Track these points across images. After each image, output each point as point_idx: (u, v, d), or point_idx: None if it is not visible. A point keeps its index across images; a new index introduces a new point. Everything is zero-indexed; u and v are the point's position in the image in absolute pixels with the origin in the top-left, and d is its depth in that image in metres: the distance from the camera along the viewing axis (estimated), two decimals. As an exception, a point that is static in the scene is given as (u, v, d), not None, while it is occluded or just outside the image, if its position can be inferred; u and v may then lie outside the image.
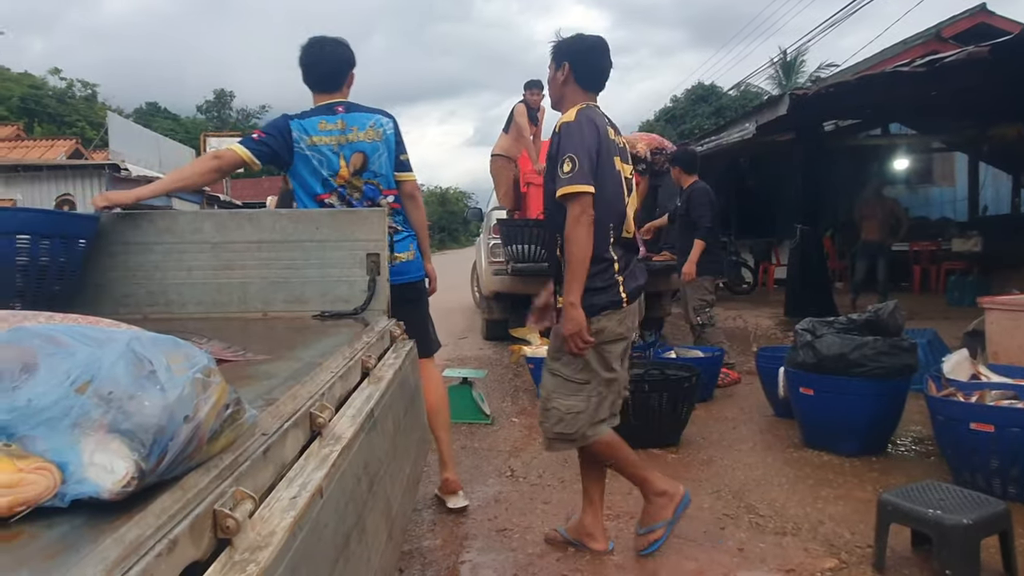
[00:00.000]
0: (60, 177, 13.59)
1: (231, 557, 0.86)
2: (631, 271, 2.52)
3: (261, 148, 2.70)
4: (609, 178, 2.43)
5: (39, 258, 2.12)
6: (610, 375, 2.49)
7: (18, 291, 2.10)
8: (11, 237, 2.05)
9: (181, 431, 0.84)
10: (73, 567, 0.66)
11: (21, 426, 0.81)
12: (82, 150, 16.72)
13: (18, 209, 2.10)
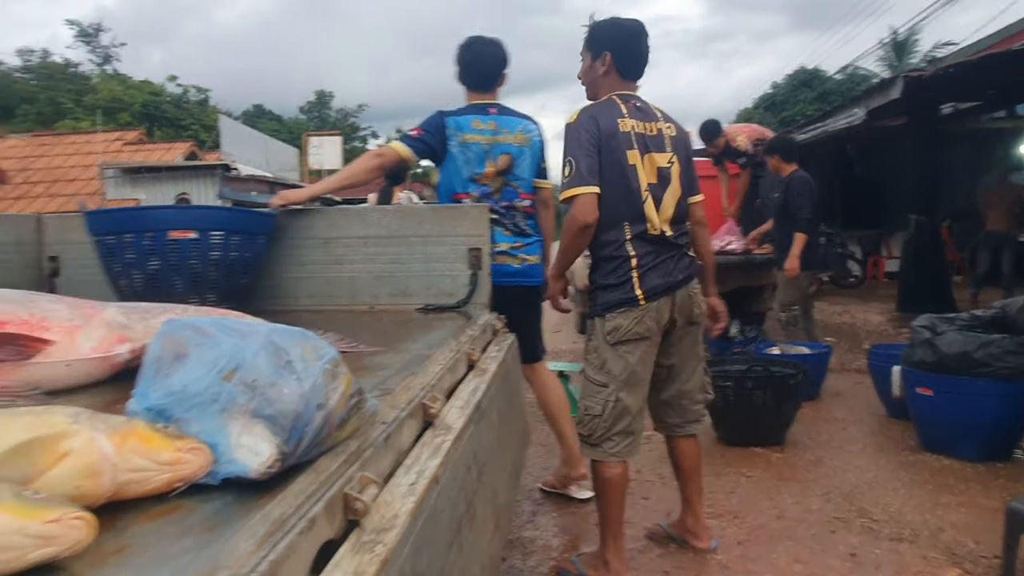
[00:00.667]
0: (178, 177, 14.53)
1: (360, 538, 0.91)
2: (657, 268, 2.34)
3: (419, 145, 2.80)
4: (619, 173, 2.31)
5: (229, 253, 2.25)
6: (630, 378, 2.35)
7: (211, 284, 2.24)
8: (207, 233, 2.19)
9: (315, 418, 0.90)
10: (230, 539, 0.71)
11: (176, 409, 0.88)
12: (197, 152, 17.78)
13: (212, 207, 2.35)
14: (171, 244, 2.14)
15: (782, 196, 5.20)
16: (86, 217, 2.32)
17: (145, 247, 2.15)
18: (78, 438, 0.76)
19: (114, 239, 2.18)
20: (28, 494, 0.66)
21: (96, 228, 2.26)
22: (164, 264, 2.16)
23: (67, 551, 0.65)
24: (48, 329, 1.34)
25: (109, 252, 2.22)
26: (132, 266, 2.17)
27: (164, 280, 2.17)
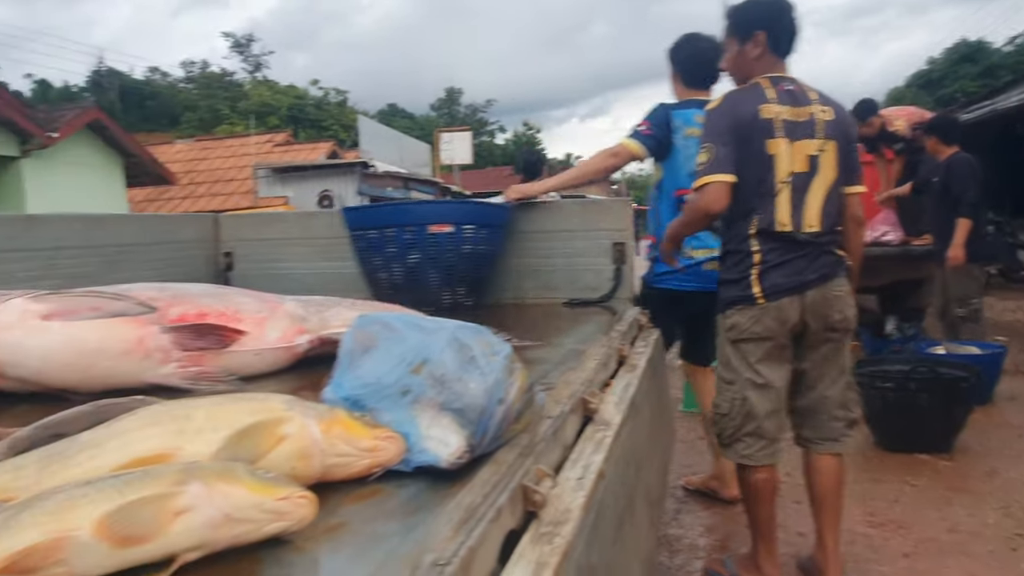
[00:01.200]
0: (321, 176, 15.43)
1: (538, 529, 0.93)
2: (783, 266, 2.16)
3: (650, 142, 2.75)
4: (754, 164, 2.15)
5: (478, 246, 2.35)
6: (755, 378, 2.20)
7: (461, 277, 2.34)
8: (460, 227, 2.28)
9: (497, 411, 0.93)
10: (431, 524, 0.76)
11: (369, 400, 0.94)
12: (338, 150, 18.83)
13: (465, 201, 2.44)
14: (430, 238, 2.23)
15: (941, 180, 4.74)
16: (346, 213, 2.45)
17: (406, 241, 2.25)
18: (293, 424, 0.84)
19: (377, 234, 2.28)
20: (260, 473, 0.73)
21: (358, 223, 2.37)
22: (423, 258, 2.25)
23: (295, 526, 0.71)
24: (241, 320, 1.47)
25: (371, 246, 2.32)
26: (393, 260, 2.27)
27: (422, 274, 2.27)
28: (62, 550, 0.62)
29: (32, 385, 1.34)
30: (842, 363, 2.27)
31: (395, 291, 2.27)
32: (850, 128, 2.29)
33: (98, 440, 0.81)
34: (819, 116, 2.20)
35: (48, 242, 2.28)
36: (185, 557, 0.66)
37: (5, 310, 1.34)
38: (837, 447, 2.29)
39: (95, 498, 0.66)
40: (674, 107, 2.74)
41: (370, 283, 2.38)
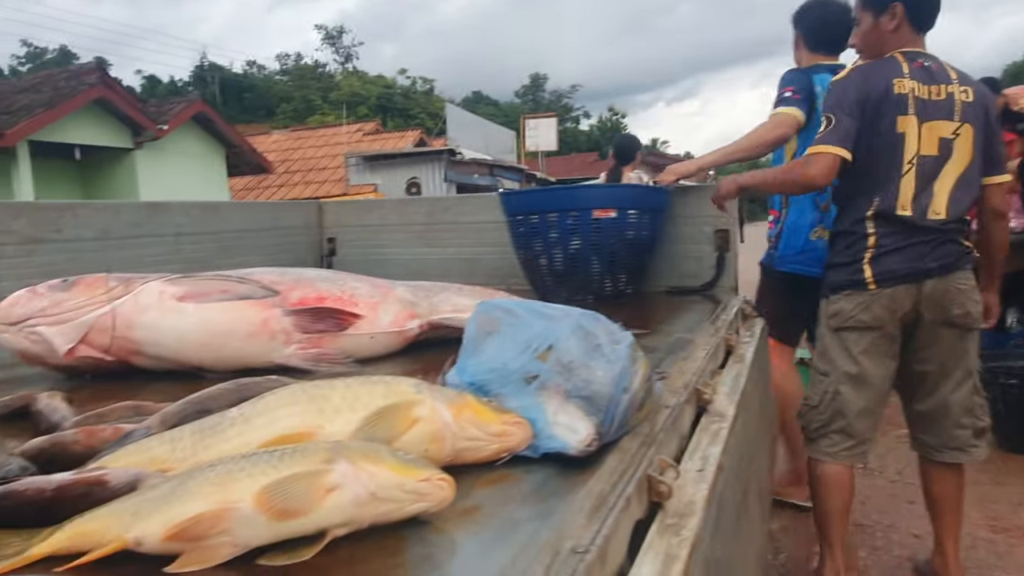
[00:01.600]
0: (409, 163, 15.74)
1: (663, 520, 0.92)
2: (901, 251, 2.01)
3: (802, 106, 2.53)
4: (881, 141, 2.01)
5: (641, 232, 2.28)
6: (852, 369, 2.07)
7: (623, 263, 2.28)
8: (624, 212, 2.22)
9: (622, 400, 0.92)
10: (565, 511, 0.76)
11: (494, 385, 0.95)
12: (425, 138, 19.16)
13: (628, 185, 2.35)
14: (593, 223, 2.19)
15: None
16: (506, 197, 2.44)
17: (568, 226, 2.20)
18: (425, 407, 0.85)
19: (538, 218, 2.24)
20: (401, 454, 0.75)
21: (519, 208, 2.35)
22: (585, 244, 2.21)
23: (435, 507, 0.73)
24: (357, 305, 1.51)
25: (531, 232, 2.27)
26: (554, 246, 2.25)
27: (584, 260, 2.23)
28: (226, 520, 0.66)
29: (168, 363, 1.43)
30: (968, 364, 2.10)
31: (555, 278, 2.24)
32: (991, 112, 2.10)
33: (246, 416, 0.85)
34: (959, 97, 2.04)
35: (171, 228, 2.42)
36: (334, 532, 0.69)
37: (144, 292, 1.43)
38: (962, 458, 2.12)
39: (252, 472, 0.69)
40: (811, 71, 2.58)
41: (527, 270, 2.35)
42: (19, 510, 0.74)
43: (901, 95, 2.01)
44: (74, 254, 2.07)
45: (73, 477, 0.76)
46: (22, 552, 0.68)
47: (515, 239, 2.36)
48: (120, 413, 1.01)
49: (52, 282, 1.44)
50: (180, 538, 0.66)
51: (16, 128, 9.84)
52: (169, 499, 0.68)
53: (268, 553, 0.67)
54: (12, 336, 1.40)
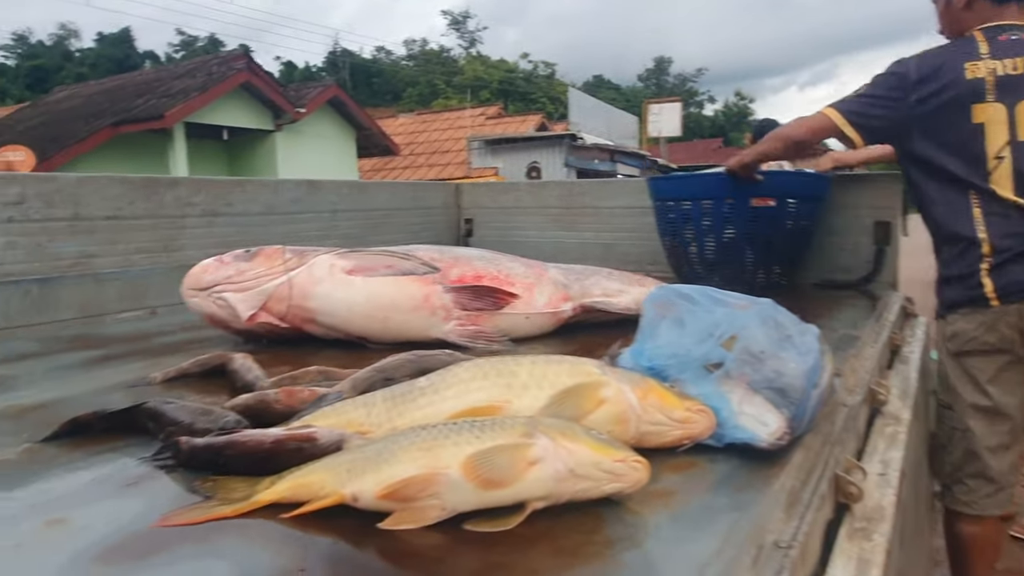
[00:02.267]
0: (529, 148, 15.82)
1: (852, 523, 0.88)
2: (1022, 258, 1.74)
3: None
4: (959, 134, 1.78)
5: (800, 221, 2.16)
6: (981, 401, 1.82)
7: (780, 254, 2.17)
8: (785, 201, 2.10)
9: (813, 395, 0.88)
10: (762, 503, 0.74)
11: (673, 371, 0.93)
12: (546, 123, 19.19)
13: (791, 172, 2.25)
14: (751, 212, 2.09)
15: None
16: (656, 182, 2.38)
17: (724, 214, 2.11)
18: (610, 388, 0.85)
19: (691, 204, 2.16)
20: (595, 434, 0.75)
21: (670, 193, 2.26)
22: (740, 233, 2.11)
23: (629, 488, 0.73)
24: (513, 284, 1.54)
25: (683, 218, 2.19)
26: (707, 234, 2.15)
27: (738, 250, 2.13)
28: (436, 484, 0.69)
29: (337, 332, 1.51)
30: None
31: (705, 267, 2.17)
32: None
33: (435, 387, 0.88)
34: None
35: (326, 205, 2.55)
36: (534, 505, 0.70)
37: (316, 264, 1.52)
38: (1008, 506, 1.87)
39: (457, 440, 0.71)
40: None
41: (674, 257, 2.29)
42: (239, 460, 0.81)
43: (975, 80, 1.77)
44: (243, 227, 2.23)
45: (287, 433, 0.81)
46: (248, 498, 0.74)
47: (663, 225, 2.30)
48: (311, 377, 1.08)
49: (236, 252, 1.55)
50: (393, 497, 0.69)
51: (174, 110, 10.71)
52: (381, 460, 0.71)
53: (472, 519, 0.69)
54: (201, 300, 1.52)
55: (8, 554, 0.65)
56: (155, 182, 2.00)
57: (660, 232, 2.33)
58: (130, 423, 0.97)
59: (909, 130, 1.87)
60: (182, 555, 0.65)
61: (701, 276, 2.18)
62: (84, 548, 0.65)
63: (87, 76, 31.76)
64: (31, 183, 1.73)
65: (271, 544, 0.67)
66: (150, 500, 0.77)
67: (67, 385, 1.25)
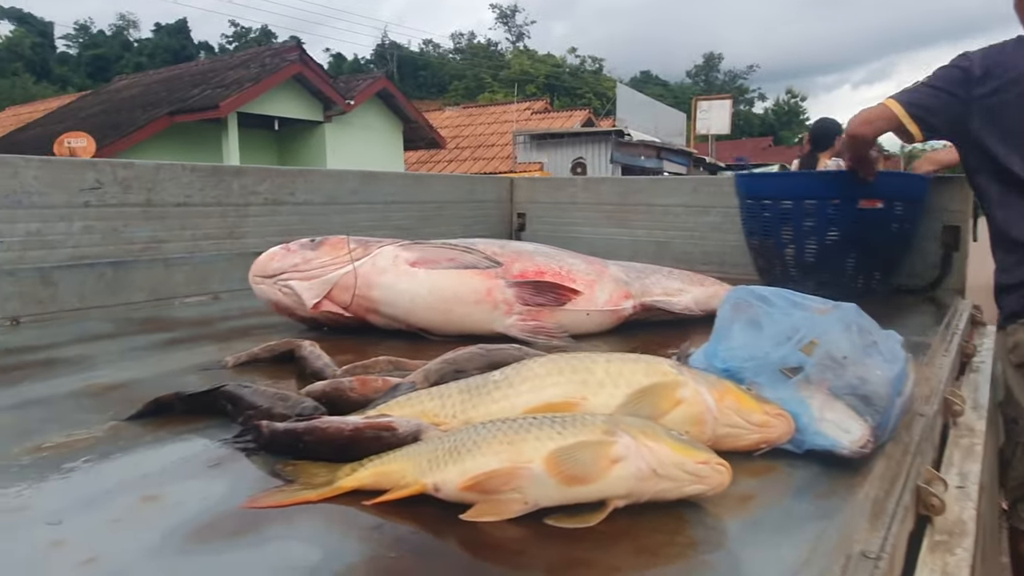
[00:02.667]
0: (575, 143, 15.75)
1: (932, 536, 0.86)
2: None
3: None
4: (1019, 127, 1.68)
5: (904, 224, 2.07)
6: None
7: (883, 258, 2.07)
8: (892, 203, 2.01)
9: (896, 404, 0.86)
10: (846, 512, 0.72)
11: (749, 373, 0.92)
12: (593, 118, 19.08)
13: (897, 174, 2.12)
14: (856, 214, 1.97)
15: None
16: (745, 180, 2.28)
17: (828, 215, 2.01)
18: (688, 388, 0.84)
19: (791, 204, 2.07)
20: (676, 434, 0.74)
21: (766, 192, 2.17)
22: (844, 236, 2.01)
23: (711, 491, 0.72)
24: (575, 281, 1.53)
25: (781, 218, 2.09)
26: (808, 235, 2.05)
27: (840, 253, 2.04)
28: (519, 478, 0.69)
29: (399, 323, 1.52)
30: None
31: (801, 270, 2.09)
32: None
33: (511, 381, 0.88)
34: None
35: (381, 196, 2.58)
36: (615, 503, 0.70)
37: (380, 255, 1.54)
38: None
39: (539, 435, 0.71)
40: None
41: (765, 258, 2.20)
42: (319, 445, 0.82)
43: None
44: (304, 216, 2.27)
45: (366, 421, 0.82)
46: (330, 483, 0.75)
47: (753, 224, 2.19)
48: (382, 366, 1.10)
49: (302, 241, 1.58)
50: (476, 489, 0.70)
51: (228, 100, 10.95)
52: (463, 452, 0.72)
53: (554, 515, 0.69)
54: (268, 288, 1.56)
55: (108, 528, 0.68)
56: (222, 170, 2.05)
57: (747, 232, 2.25)
58: (208, 405, 0.99)
59: (969, 127, 1.78)
60: (271, 536, 0.67)
61: (795, 279, 2.09)
62: (178, 525, 0.67)
63: (145, 65, 32.70)
64: (109, 169, 1.79)
65: (355, 530, 0.68)
66: (234, 481, 0.79)
67: (142, 366, 1.29)
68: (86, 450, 0.87)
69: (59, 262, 1.72)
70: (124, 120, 11.52)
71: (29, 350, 1.44)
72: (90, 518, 0.70)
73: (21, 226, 1.65)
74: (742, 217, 2.26)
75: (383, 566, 0.62)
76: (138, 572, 0.60)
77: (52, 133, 11.22)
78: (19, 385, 1.18)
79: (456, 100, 30.78)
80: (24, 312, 1.67)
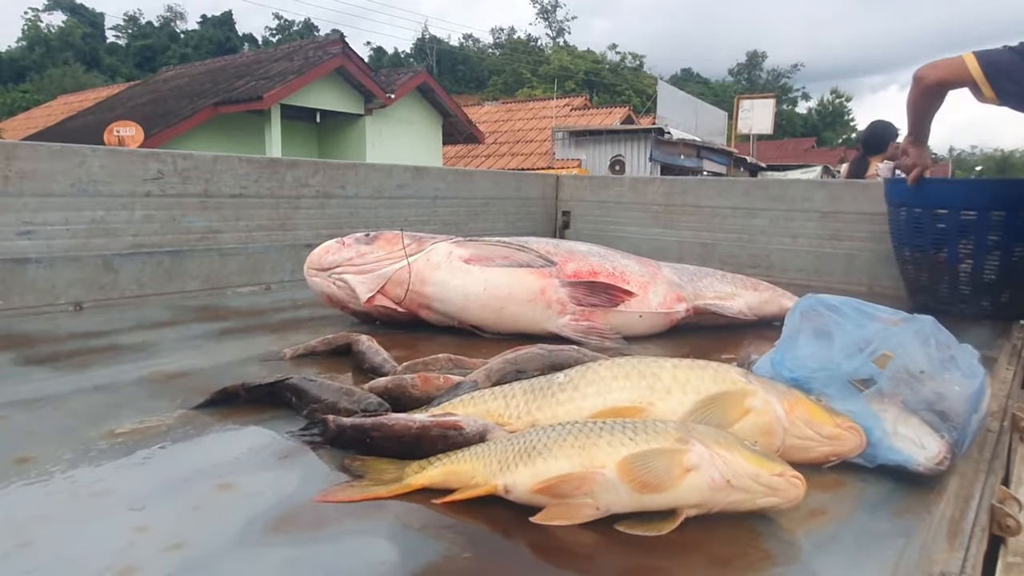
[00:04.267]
0: (614, 140, 15.62)
1: (1006, 558, 0.83)
2: None
3: None
4: None
5: None
6: None
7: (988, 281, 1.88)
8: (987, 214, 1.86)
9: (973, 421, 0.84)
10: (923, 531, 0.71)
11: (818, 384, 0.90)
12: (632, 116, 18.92)
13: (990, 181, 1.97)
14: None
15: None
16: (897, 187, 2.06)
17: (1019, 229, 1.84)
18: (758, 398, 0.83)
19: (976, 215, 1.87)
20: (750, 445, 0.73)
21: (940, 200, 1.95)
22: None
23: (785, 504, 0.71)
24: (628, 282, 1.52)
25: (960, 230, 1.90)
26: (991, 251, 1.88)
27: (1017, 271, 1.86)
28: (591, 483, 0.69)
29: (451, 319, 1.53)
30: None
31: (976, 288, 1.92)
32: None
33: (576, 384, 0.88)
34: None
35: (429, 191, 2.59)
36: (687, 512, 0.69)
37: (434, 251, 1.54)
38: None
39: (611, 441, 0.71)
40: None
41: (930, 273, 1.99)
42: (385, 442, 0.83)
43: None
44: (353, 209, 2.29)
45: (433, 420, 0.83)
46: (400, 480, 0.76)
47: (918, 236, 1.98)
48: (442, 364, 1.10)
49: (356, 235, 1.60)
50: (548, 492, 0.70)
51: (272, 92, 11.10)
52: (534, 454, 0.72)
53: (625, 521, 0.69)
54: (322, 280, 1.58)
55: (190, 515, 0.69)
56: (277, 163, 2.08)
57: (904, 243, 2.04)
58: (273, 396, 1.01)
59: None
60: (347, 531, 0.67)
61: (967, 298, 1.94)
62: (256, 515, 0.69)
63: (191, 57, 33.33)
64: (171, 160, 1.83)
65: (429, 529, 0.69)
66: (305, 474, 0.80)
67: (203, 355, 1.32)
68: (159, 436, 0.89)
69: (120, 250, 1.77)
70: (171, 110, 11.76)
71: (93, 335, 1.48)
72: (172, 505, 0.71)
73: (87, 214, 1.70)
74: (895, 228, 2.07)
75: (459, 566, 0.63)
76: (225, 561, 0.61)
77: (102, 121, 11.50)
78: (87, 370, 1.21)
79: (495, 95, 30.77)
80: (87, 298, 1.72)
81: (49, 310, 1.65)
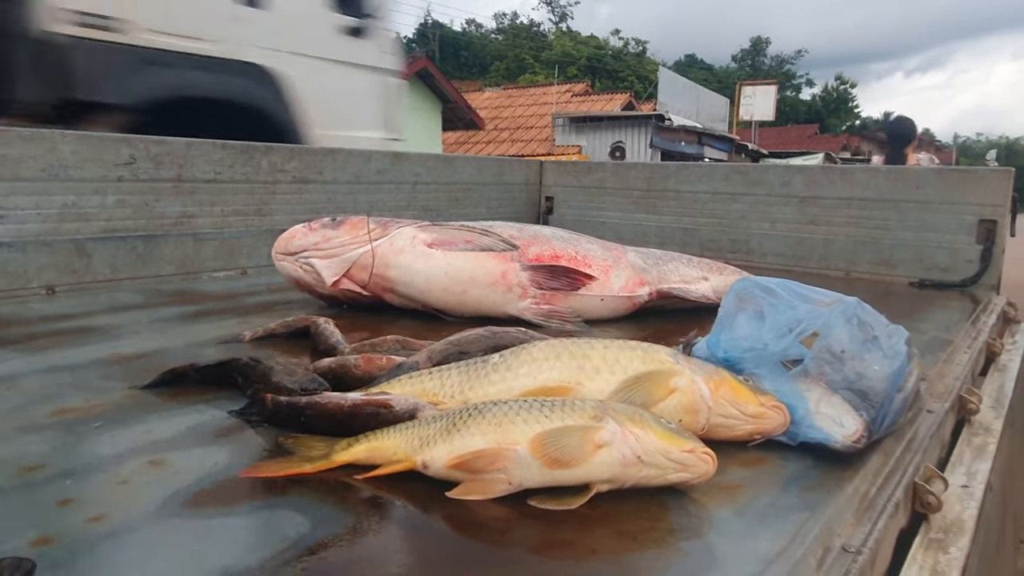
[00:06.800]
0: (614, 126, 15.58)
1: (927, 534, 0.85)
2: None
3: None
4: None
5: None
6: None
7: None
8: None
9: (896, 399, 0.85)
10: (831, 505, 0.72)
11: (748, 364, 0.92)
12: (634, 102, 18.83)
13: None
14: None
15: None
16: None
17: None
18: (683, 378, 0.85)
19: None
20: (664, 422, 0.75)
21: None
22: None
23: (695, 480, 0.73)
24: (591, 266, 1.53)
25: None
26: None
27: None
28: (504, 459, 0.70)
29: (415, 303, 1.54)
30: None
31: None
32: None
33: (509, 364, 0.90)
34: None
35: (410, 177, 2.60)
36: (598, 487, 0.71)
37: (399, 236, 1.56)
38: None
39: (527, 418, 0.73)
40: None
41: None
42: (319, 420, 0.85)
43: None
44: (331, 195, 2.30)
45: (365, 398, 0.85)
46: (326, 456, 0.78)
47: None
48: (389, 345, 1.12)
49: (323, 220, 1.61)
50: (462, 468, 0.71)
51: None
52: (452, 431, 0.74)
53: (537, 496, 0.71)
54: (289, 265, 1.59)
55: (117, 489, 0.71)
56: (252, 148, 2.09)
57: None
58: (221, 376, 1.03)
59: None
60: (264, 505, 0.69)
61: None
62: (180, 490, 0.71)
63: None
64: (142, 145, 1.84)
65: (345, 502, 0.71)
66: (238, 451, 0.82)
67: (166, 337, 1.34)
68: (101, 415, 0.91)
69: (93, 234, 1.78)
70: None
71: (63, 318, 1.50)
72: (98, 479, 0.73)
73: (58, 199, 1.72)
74: None
75: (367, 538, 0.65)
76: (138, 532, 0.63)
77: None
78: (51, 351, 1.23)
79: (497, 81, 30.61)
80: (59, 282, 1.74)
81: (21, 294, 1.67)
